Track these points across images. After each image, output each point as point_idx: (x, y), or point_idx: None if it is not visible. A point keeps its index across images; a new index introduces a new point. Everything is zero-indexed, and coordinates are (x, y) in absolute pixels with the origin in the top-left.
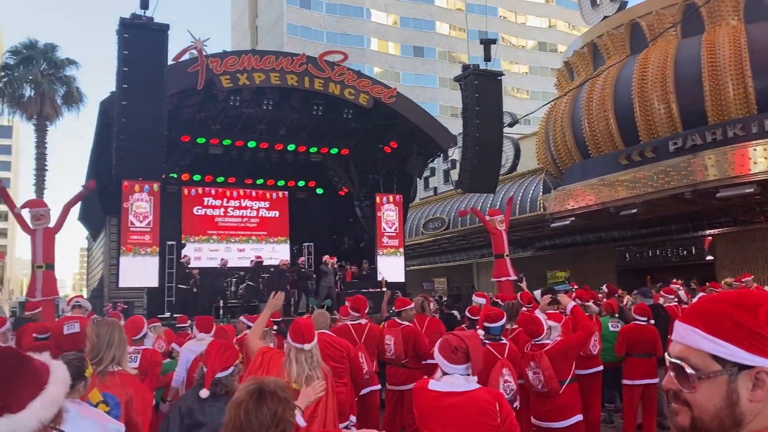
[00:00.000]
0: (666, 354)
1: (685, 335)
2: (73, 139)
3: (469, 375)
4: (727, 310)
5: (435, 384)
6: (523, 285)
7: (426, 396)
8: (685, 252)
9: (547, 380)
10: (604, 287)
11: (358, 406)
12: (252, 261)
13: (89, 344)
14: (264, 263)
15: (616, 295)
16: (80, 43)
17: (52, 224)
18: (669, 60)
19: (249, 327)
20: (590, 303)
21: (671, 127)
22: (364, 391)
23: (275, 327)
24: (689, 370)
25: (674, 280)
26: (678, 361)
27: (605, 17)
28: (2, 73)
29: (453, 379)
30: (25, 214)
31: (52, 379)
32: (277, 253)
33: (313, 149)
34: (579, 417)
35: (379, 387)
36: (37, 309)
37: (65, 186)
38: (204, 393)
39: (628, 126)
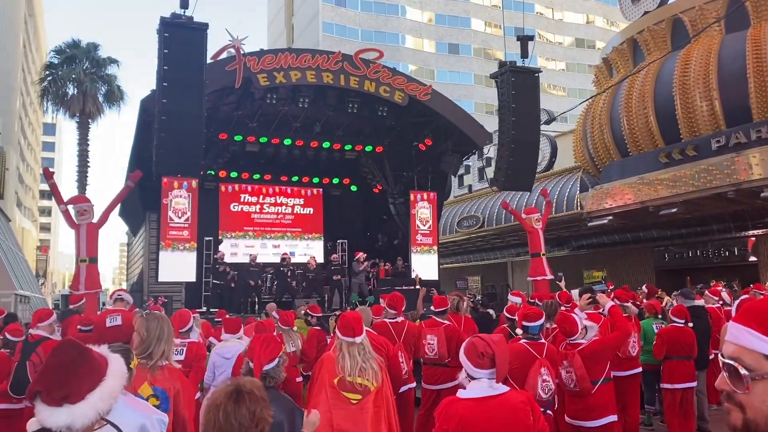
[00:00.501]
0: (719, 354)
1: (739, 335)
2: (114, 137)
3: (493, 380)
4: None
5: (466, 393)
6: (562, 284)
7: (461, 406)
8: (726, 253)
9: (578, 380)
10: (643, 287)
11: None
12: (281, 257)
13: (138, 338)
14: (292, 260)
15: (656, 296)
16: (121, 43)
17: (95, 219)
18: (712, 56)
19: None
20: (629, 304)
21: (714, 125)
22: (401, 390)
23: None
24: (743, 371)
25: (713, 282)
26: (731, 362)
27: (646, 12)
28: (47, 72)
29: (480, 384)
30: (70, 208)
31: (110, 371)
32: (311, 249)
33: (348, 147)
34: (612, 418)
35: (414, 385)
36: (81, 301)
37: (106, 182)
38: None
39: (668, 123)
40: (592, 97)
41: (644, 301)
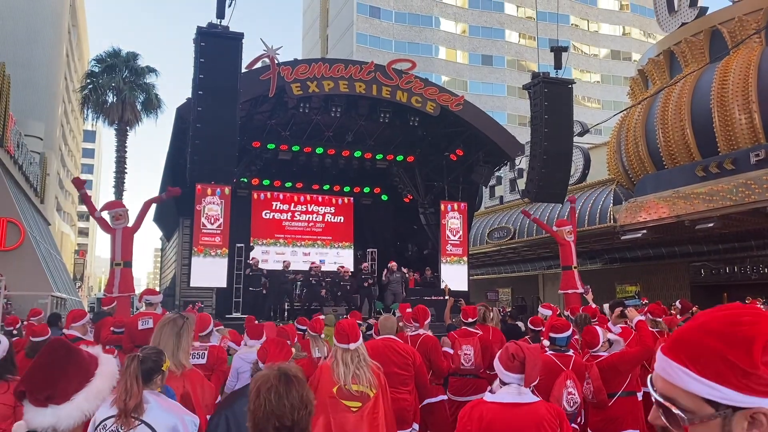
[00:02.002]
0: (649, 383)
1: (672, 374)
2: (151, 144)
3: (521, 386)
4: (718, 348)
5: (492, 396)
6: (589, 297)
7: (485, 409)
8: (765, 269)
9: (594, 391)
10: (677, 303)
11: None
12: (310, 267)
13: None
14: (321, 269)
15: (691, 312)
16: (160, 52)
17: (130, 224)
18: (752, 68)
19: (300, 330)
20: (661, 319)
21: (753, 138)
22: (428, 401)
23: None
24: (678, 412)
25: (751, 299)
26: (665, 402)
27: (683, 24)
28: (88, 81)
29: (510, 390)
30: (105, 214)
31: (99, 372)
32: (341, 258)
33: (379, 156)
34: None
35: (445, 397)
36: (112, 303)
37: (143, 188)
38: None
39: (705, 136)
40: (627, 108)
41: (678, 317)
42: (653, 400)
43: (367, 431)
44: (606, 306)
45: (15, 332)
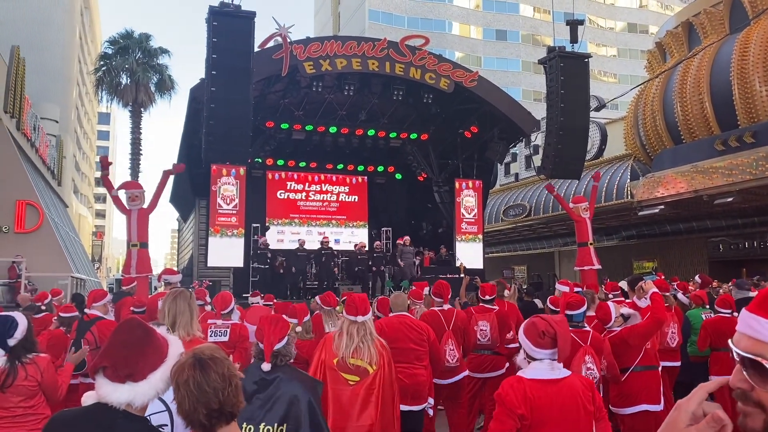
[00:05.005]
0: (732, 346)
1: (760, 329)
2: (166, 125)
3: (554, 361)
4: None
5: (530, 373)
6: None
7: (528, 387)
8: None
9: (607, 367)
10: (696, 278)
11: (451, 392)
12: (321, 241)
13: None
14: (335, 247)
15: (711, 286)
16: (172, 33)
17: (146, 205)
18: None
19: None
20: (668, 294)
21: None
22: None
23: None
24: None
25: None
26: (753, 357)
27: None
28: (101, 63)
29: (543, 365)
30: (122, 195)
31: (170, 353)
32: (356, 237)
33: (393, 134)
34: (644, 407)
35: (467, 373)
36: (132, 283)
37: (158, 170)
38: (266, 366)
39: (725, 109)
40: (644, 82)
41: (694, 291)
42: (737, 359)
43: (361, 406)
44: (623, 282)
45: (44, 308)
